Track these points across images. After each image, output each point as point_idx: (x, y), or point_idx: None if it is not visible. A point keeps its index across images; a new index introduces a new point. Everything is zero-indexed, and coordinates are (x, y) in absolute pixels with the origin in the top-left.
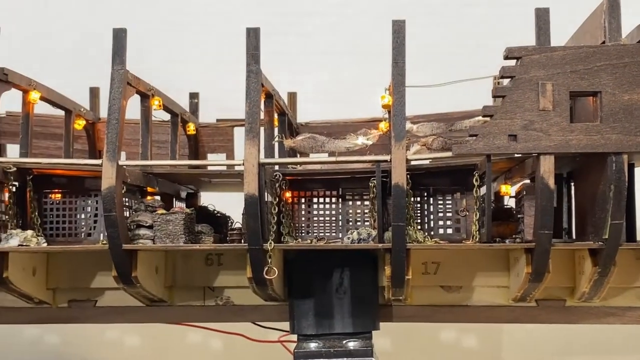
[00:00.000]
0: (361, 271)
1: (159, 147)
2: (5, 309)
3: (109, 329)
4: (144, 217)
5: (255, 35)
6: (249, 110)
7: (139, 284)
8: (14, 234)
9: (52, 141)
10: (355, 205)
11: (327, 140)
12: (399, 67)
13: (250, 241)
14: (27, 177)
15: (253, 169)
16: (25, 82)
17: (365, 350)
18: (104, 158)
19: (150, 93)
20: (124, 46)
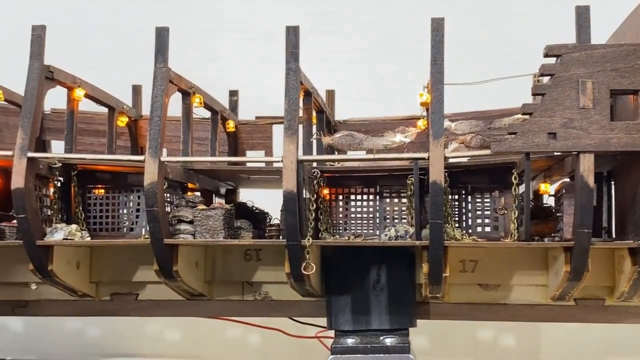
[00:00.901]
0: (398, 268)
1: (199, 144)
2: (50, 302)
3: (149, 322)
4: (185, 213)
5: (294, 34)
6: (288, 107)
7: (179, 278)
8: (59, 228)
9: (95, 138)
10: (393, 202)
11: (365, 137)
12: (438, 65)
13: (288, 237)
14: (72, 172)
15: (292, 166)
16: (70, 79)
17: (402, 347)
18: (147, 154)
19: (191, 91)
20: (166, 44)
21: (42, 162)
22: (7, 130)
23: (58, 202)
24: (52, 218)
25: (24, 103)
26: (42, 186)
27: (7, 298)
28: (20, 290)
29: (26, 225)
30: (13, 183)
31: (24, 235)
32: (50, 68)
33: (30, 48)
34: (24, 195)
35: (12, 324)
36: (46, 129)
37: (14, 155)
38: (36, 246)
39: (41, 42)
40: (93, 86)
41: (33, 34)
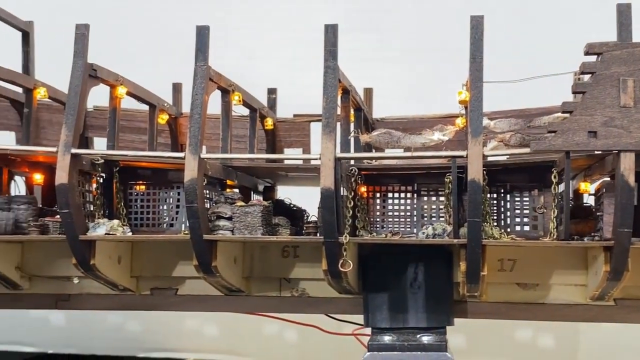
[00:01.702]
0: (436, 266)
1: (238, 141)
2: (92, 296)
3: (188, 317)
4: (224, 209)
5: (333, 32)
6: (326, 105)
7: (218, 273)
8: (101, 223)
9: (136, 135)
10: (430, 200)
11: (403, 135)
12: (477, 63)
13: (325, 234)
14: (114, 169)
15: (329, 163)
16: (112, 77)
17: (439, 345)
18: (187, 151)
19: (230, 88)
20: (206, 43)
21: (85, 158)
22: (51, 127)
23: (100, 197)
24: (94, 213)
25: (68, 100)
26: (84, 182)
27: (50, 292)
28: (63, 284)
29: (69, 220)
30: (57, 179)
31: (67, 230)
32: (93, 66)
33: (74, 46)
34: (67, 191)
35: (53, 318)
36: (89, 126)
37: (58, 152)
38: (79, 241)
39: (85, 40)
40: (135, 84)
41: (77, 33)
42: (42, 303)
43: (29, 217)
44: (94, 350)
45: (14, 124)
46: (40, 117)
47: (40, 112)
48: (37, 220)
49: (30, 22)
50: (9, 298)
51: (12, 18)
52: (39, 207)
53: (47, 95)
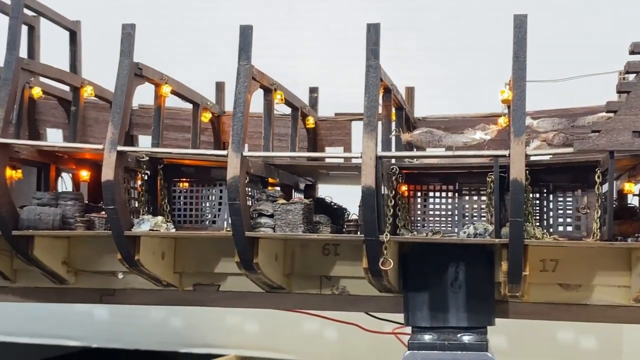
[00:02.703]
0: (477, 266)
1: (280, 139)
2: (136, 291)
3: (229, 314)
4: (266, 206)
5: (375, 31)
6: (367, 104)
7: (259, 270)
8: (146, 219)
9: (180, 133)
10: (472, 200)
11: (445, 134)
12: (520, 62)
13: (366, 232)
14: (158, 166)
15: (370, 162)
16: (157, 76)
17: (480, 345)
18: (230, 149)
19: (273, 87)
20: (250, 42)
21: (130, 155)
22: (97, 125)
23: (145, 194)
24: (139, 210)
25: (114, 99)
26: (130, 179)
27: (95, 286)
28: (108, 279)
29: (115, 216)
30: (103, 175)
31: (113, 225)
32: (139, 65)
33: (120, 46)
34: (113, 188)
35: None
36: (134, 124)
37: (104, 149)
38: (124, 236)
39: (131, 40)
40: (179, 83)
41: (123, 32)
42: (87, 297)
43: (76, 213)
44: (137, 345)
45: (61, 122)
46: (87, 115)
47: (86, 110)
48: (84, 216)
49: (77, 22)
50: (55, 292)
51: (60, 18)
52: (85, 203)
53: (94, 94)
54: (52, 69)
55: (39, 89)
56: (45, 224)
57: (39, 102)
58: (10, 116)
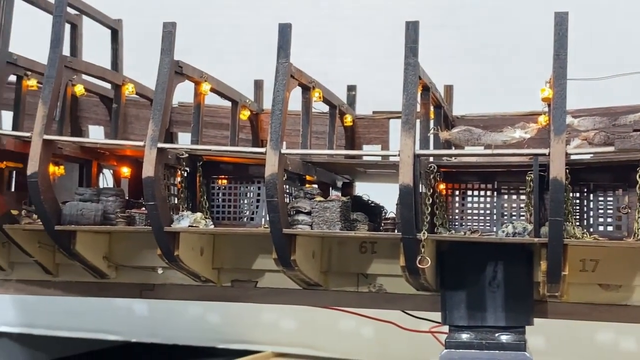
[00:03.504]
0: (515, 265)
1: (317, 137)
2: (175, 286)
3: (266, 310)
4: (303, 204)
5: (414, 29)
6: (405, 102)
7: (297, 267)
8: (185, 215)
9: (219, 130)
10: (511, 198)
11: (484, 133)
12: (561, 60)
13: (404, 230)
14: (197, 163)
15: (408, 160)
16: (197, 74)
17: (518, 344)
18: (268, 146)
19: (311, 85)
20: (288, 41)
21: (170, 152)
22: (138, 122)
23: (184, 191)
24: (178, 206)
25: (155, 96)
26: (169, 175)
27: (135, 281)
28: (148, 274)
29: (155, 212)
30: (144, 172)
31: (153, 221)
32: (179, 63)
33: (161, 44)
34: (153, 184)
35: (137, 308)
36: (174, 122)
37: (145, 146)
38: (164, 232)
39: (171, 38)
40: (218, 80)
41: (164, 31)
42: (127, 292)
43: (117, 208)
44: (175, 340)
45: (103, 119)
46: (128, 112)
47: (127, 107)
48: (124, 211)
49: (119, 20)
50: (97, 287)
51: (102, 17)
52: (126, 199)
53: (135, 91)
54: (94, 67)
55: (82, 86)
56: (87, 220)
57: (81, 99)
58: (54, 113)
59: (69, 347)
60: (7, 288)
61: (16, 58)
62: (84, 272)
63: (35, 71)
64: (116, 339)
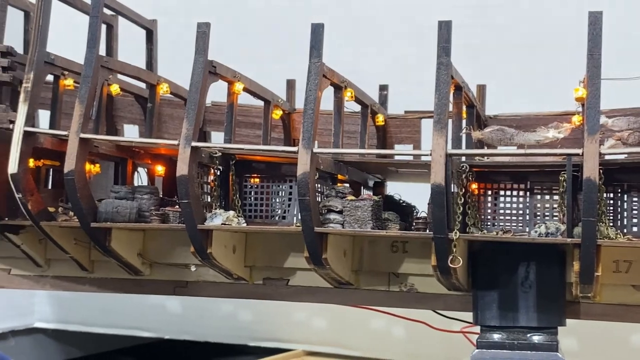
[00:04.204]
0: (548, 266)
1: (349, 137)
2: (207, 283)
3: (297, 309)
4: (335, 203)
5: (447, 28)
6: (437, 101)
7: (328, 265)
8: (218, 213)
9: (251, 130)
10: (544, 199)
11: (517, 132)
12: (595, 59)
13: (435, 230)
14: (230, 162)
15: (440, 159)
16: (230, 74)
17: (550, 345)
18: (300, 145)
19: (343, 85)
20: (321, 40)
21: (204, 151)
22: (172, 121)
23: (217, 189)
24: (211, 204)
25: (189, 96)
26: (203, 174)
27: (169, 278)
28: (181, 271)
29: (188, 210)
30: (178, 170)
31: (186, 219)
32: (213, 63)
33: (195, 44)
34: (187, 182)
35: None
36: (207, 121)
37: (179, 145)
38: (197, 230)
39: (205, 38)
40: (251, 80)
41: (198, 31)
42: (161, 289)
43: (151, 206)
44: (207, 337)
45: (137, 118)
46: (162, 111)
47: (162, 107)
48: (159, 209)
49: (154, 21)
50: (131, 283)
51: (138, 17)
52: (160, 197)
53: (169, 91)
54: (129, 67)
55: (117, 86)
56: (122, 217)
57: (117, 98)
58: (90, 112)
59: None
60: (44, 284)
61: (53, 58)
62: (118, 268)
63: (72, 71)
64: (149, 335)
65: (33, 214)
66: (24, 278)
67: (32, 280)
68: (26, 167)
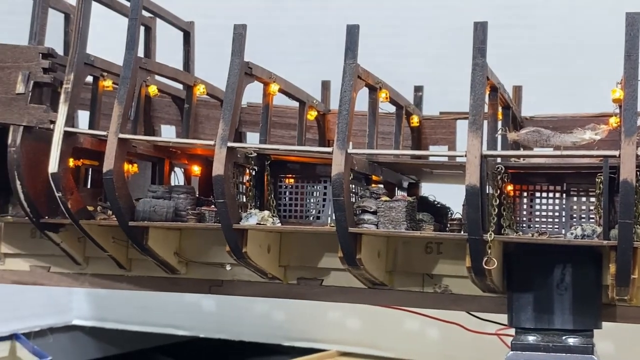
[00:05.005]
0: (584, 268)
1: (384, 138)
2: (242, 282)
3: (331, 309)
4: (369, 203)
5: (482, 29)
6: (473, 102)
7: (362, 266)
8: (253, 213)
9: (286, 130)
10: (580, 201)
11: (553, 134)
12: (632, 61)
13: (470, 231)
14: (265, 162)
15: (475, 161)
16: (266, 75)
17: (586, 348)
18: (335, 146)
19: (378, 86)
20: (356, 41)
21: (239, 151)
22: (208, 122)
23: (252, 189)
24: (246, 204)
25: (225, 97)
26: (238, 174)
27: (204, 277)
28: (216, 270)
29: (224, 210)
30: (214, 170)
31: (222, 218)
32: (249, 64)
33: (232, 45)
34: (223, 182)
35: (205, 304)
36: (243, 122)
37: (215, 145)
38: (232, 229)
39: (242, 40)
40: (286, 81)
41: (235, 33)
42: (197, 287)
43: (188, 206)
44: (242, 336)
45: (174, 119)
46: (199, 112)
47: (198, 107)
48: (195, 209)
49: (191, 23)
50: (167, 282)
51: (175, 19)
52: (196, 197)
53: (206, 92)
54: (167, 68)
55: (155, 87)
56: (159, 216)
57: (154, 99)
58: (129, 113)
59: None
60: (83, 282)
61: (93, 59)
62: (155, 267)
63: (111, 72)
64: (184, 334)
65: (72, 213)
66: (63, 276)
67: (71, 277)
68: (66, 167)
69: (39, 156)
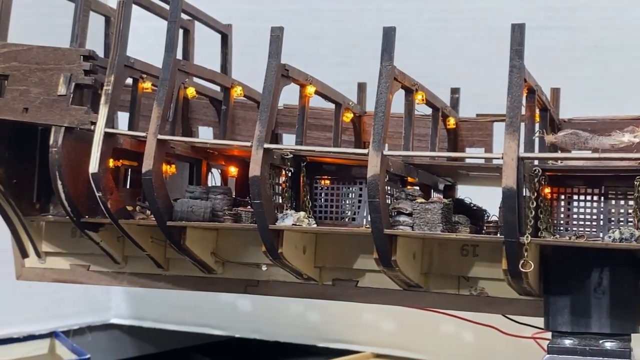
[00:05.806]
0: (622, 272)
1: (419, 140)
2: (278, 283)
3: (365, 311)
4: (405, 205)
5: (520, 31)
6: (510, 104)
7: (397, 267)
8: (289, 214)
9: (322, 132)
10: (618, 204)
11: (591, 136)
12: None
13: (506, 233)
14: (301, 163)
15: (512, 163)
16: (302, 77)
17: (623, 352)
18: (370, 148)
19: (414, 88)
20: (392, 44)
21: (276, 153)
22: (244, 123)
23: (288, 190)
24: (282, 205)
25: (262, 99)
26: (275, 175)
27: (241, 277)
28: (253, 270)
29: (260, 210)
30: (250, 171)
31: (258, 219)
32: (285, 66)
33: (269, 48)
34: (259, 183)
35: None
36: (279, 123)
37: (252, 146)
38: (269, 230)
39: (279, 42)
40: (322, 83)
41: (272, 35)
42: (233, 287)
43: (224, 206)
44: (277, 337)
45: (212, 120)
46: (236, 114)
47: (235, 109)
48: (231, 209)
49: (229, 25)
50: (204, 281)
51: (213, 22)
52: (233, 198)
53: (243, 94)
54: (205, 70)
55: (193, 89)
56: (197, 216)
57: (192, 101)
58: (167, 114)
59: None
60: (121, 280)
61: (133, 61)
62: (192, 266)
63: (151, 74)
64: (220, 333)
65: (112, 212)
66: (102, 274)
67: (110, 276)
68: (106, 167)
69: (80, 157)
